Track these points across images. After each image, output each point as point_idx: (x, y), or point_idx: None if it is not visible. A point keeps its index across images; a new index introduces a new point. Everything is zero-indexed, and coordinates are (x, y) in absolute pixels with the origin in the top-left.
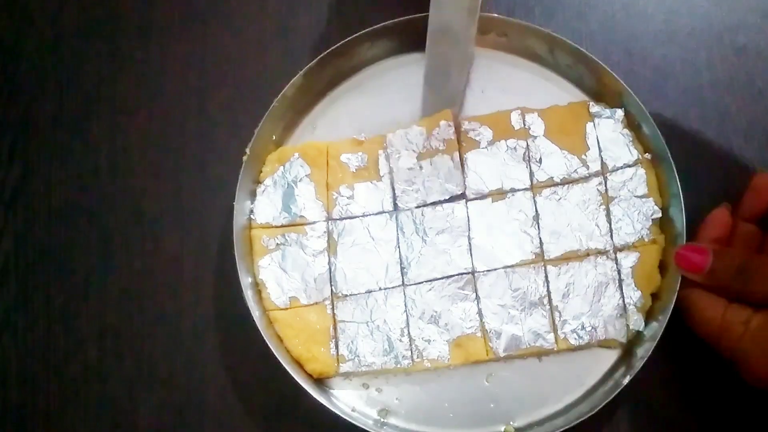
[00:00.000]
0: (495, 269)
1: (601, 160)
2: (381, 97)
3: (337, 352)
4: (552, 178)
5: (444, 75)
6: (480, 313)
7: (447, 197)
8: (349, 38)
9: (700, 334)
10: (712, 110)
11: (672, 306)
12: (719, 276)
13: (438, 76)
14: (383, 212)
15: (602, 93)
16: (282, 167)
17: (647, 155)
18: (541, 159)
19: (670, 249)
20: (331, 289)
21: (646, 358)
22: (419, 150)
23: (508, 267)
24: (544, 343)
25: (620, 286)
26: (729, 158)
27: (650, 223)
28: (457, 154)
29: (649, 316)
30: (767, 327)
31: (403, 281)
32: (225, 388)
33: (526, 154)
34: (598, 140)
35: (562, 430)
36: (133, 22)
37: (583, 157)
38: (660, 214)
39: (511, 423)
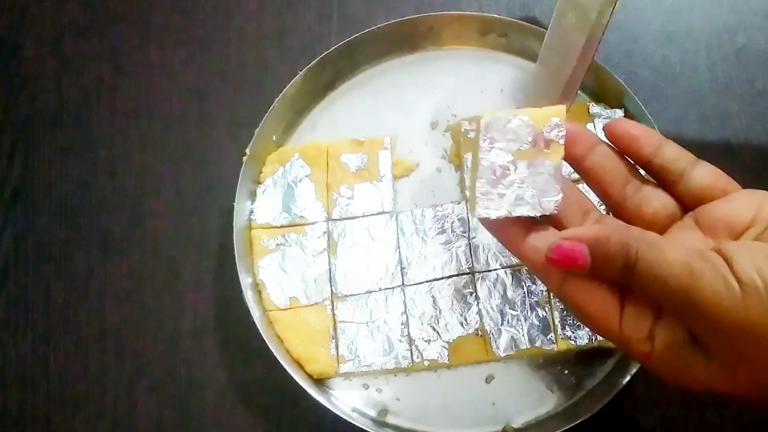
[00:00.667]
0: (495, 270)
1: None
2: (381, 97)
3: (337, 353)
4: None
5: (561, 55)
6: (480, 313)
7: (537, 214)
8: (349, 38)
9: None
10: (712, 110)
11: None
12: (602, 272)
13: (555, 54)
14: (383, 212)
15: (602, 94)
16: (282, 167)
17: None
18: None
19: None
20: (331, 290)
21: None
22: (519, 146)
23: (508, 267)
24: (543, 343)
25: None
26: (729, 158)
27: None
28: (559, 162)
29: None
30: (675, 346)
31: (403, 281)
32: (225, 388)
33: None
34: None
35: (562, 430)
36: (133, 22)
37: None
38: None
39: (511, 423)
